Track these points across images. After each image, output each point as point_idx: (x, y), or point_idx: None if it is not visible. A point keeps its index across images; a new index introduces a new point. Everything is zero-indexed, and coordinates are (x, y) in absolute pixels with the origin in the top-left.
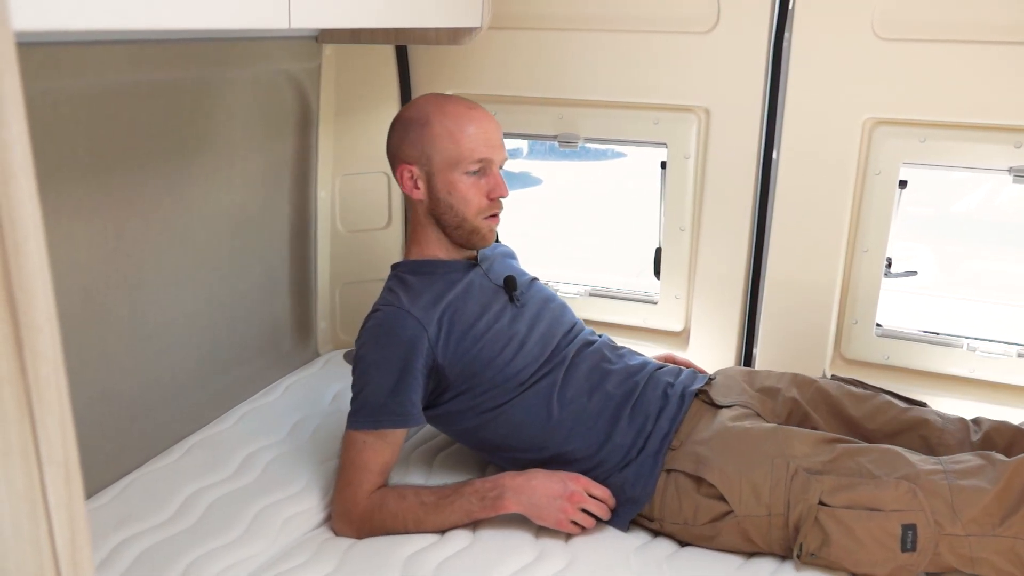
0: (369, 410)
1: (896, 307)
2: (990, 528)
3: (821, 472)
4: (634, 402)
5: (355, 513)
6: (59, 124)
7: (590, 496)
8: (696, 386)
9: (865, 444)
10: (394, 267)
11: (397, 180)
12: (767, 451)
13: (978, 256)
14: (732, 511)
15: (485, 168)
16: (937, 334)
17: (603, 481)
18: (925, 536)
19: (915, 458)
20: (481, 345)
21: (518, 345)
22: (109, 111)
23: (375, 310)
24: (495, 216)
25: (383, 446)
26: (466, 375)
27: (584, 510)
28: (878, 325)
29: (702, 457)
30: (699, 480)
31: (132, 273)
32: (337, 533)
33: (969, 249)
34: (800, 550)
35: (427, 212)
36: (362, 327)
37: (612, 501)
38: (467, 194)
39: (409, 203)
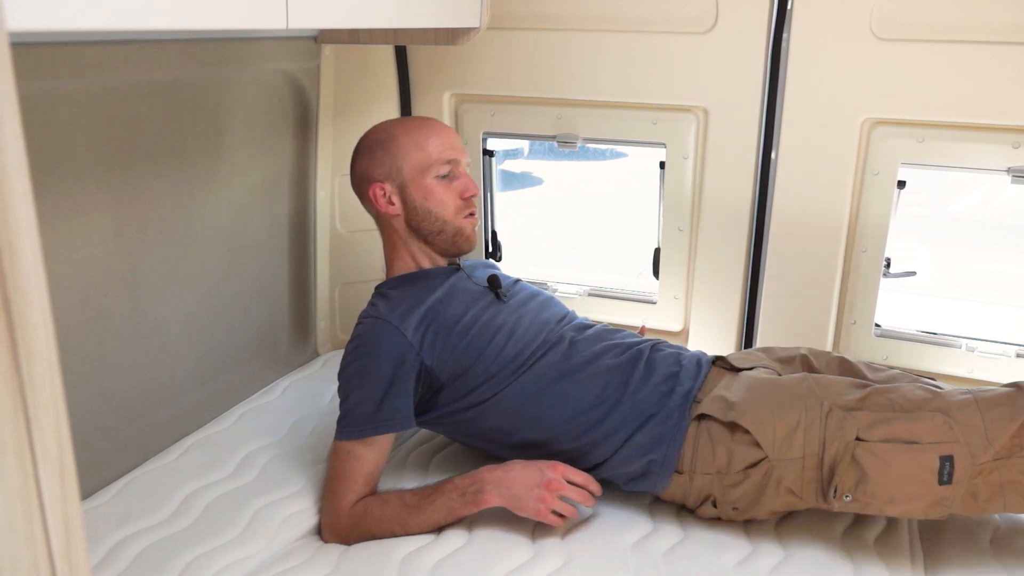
0: (352, 420)
1: (895, 307)
2: (1018, 449)
3: (856, 408)
4: (643, 366)
5: (340, 524)
6: (58, 124)
7: (570, 484)
8: (711, 356)
9: (893, 384)
10: (377, 287)
11: (370, 202)
12: (799, 394)
13: (977, 256)
14: (766, 457)
15: (453, 170)
16: (936, 334)
17: (624, 443)
18: (961, 467)
19: (944, 390)
20: (469, 339)
21: (508, 333)
22: (108, 111)
23: (357, 323)
24: (472, 215)
25: (369, 454)
26: (458, 370)
27: (570, 505)
28: (877, 325)
29: (733, 404)
30: (733, 427)
31: (131, 272)
32: (326, 543)
33: (968, 249)
34: (835, 492)
35: (405, 226)
36: (348, 342)
37: (594, 486)
38: (443, 196)
39: (383, 223)
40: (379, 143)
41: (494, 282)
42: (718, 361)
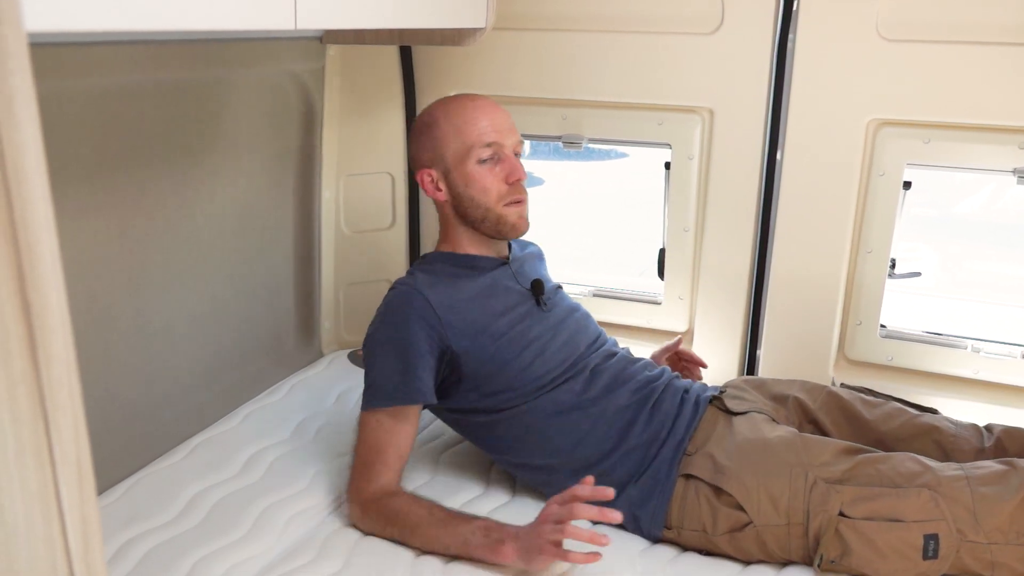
0: (378, 389)
1: (900, 308)
2: (1014, 536)
3: (841, 481)
4: (651, 407)
5: (365, 493)
6: (65, 124)
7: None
8: (709, 394)
9: (885, 453)
10: (422, 256)
11: (421, 187)
12: (786, 460)
13: (982, 257)
14: (751, 522)
15: (496, 153)
16: (941, 335)
17: (617, 496)
18: (947, 545)
19: (936, 464)
20: (499, 345)
21: (539, 350)
22: (115, 111)
23: (391, 288)
24: (519, 202)
25: (396, 425)
26: (483, 372)
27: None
28: (882, 326)
29: (720, 466)
30: (718, 490)
31: (137, 273)
32: (349, 518)
33: (973, 250)
34: (820, 560)
35: (453, 211)
36: (378, 307)
37: (608, 493)
38: (484, 182)
39: (437, 206)
40: (425, 127)
41: (537, 287)
42: (714, 401)
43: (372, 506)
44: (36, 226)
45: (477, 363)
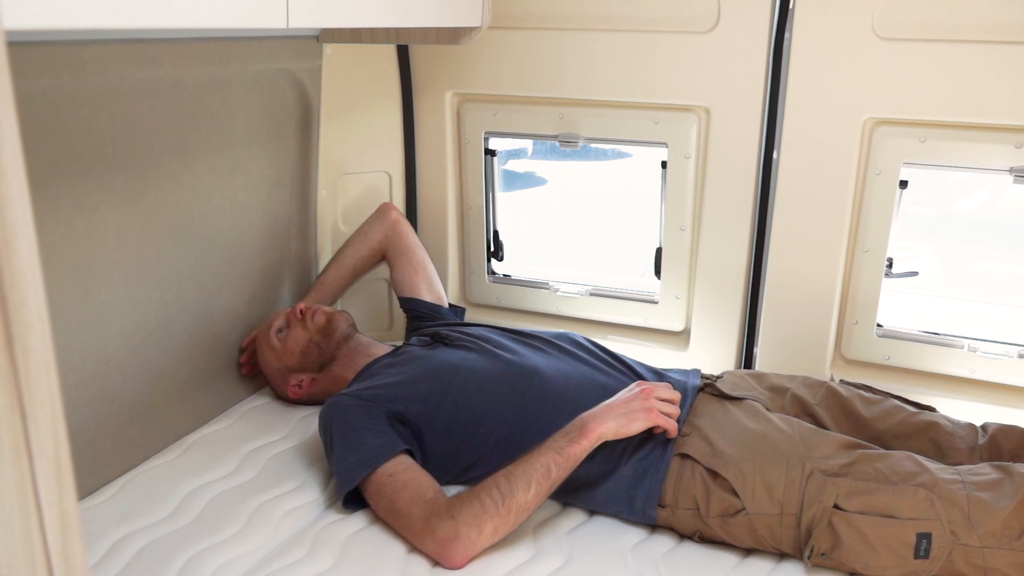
0: (363, 456)
1: (897, 307)
2: (1007, 541)
3: (837, 475)
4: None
5: (439, 507)
6: (60, 123)
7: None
8: (700, 382)
9: (884, 451)
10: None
11: (296, 392)
12: (784, 451)
13: (979, 256)
14: (743, 508)
15: (279, 329)
16: (937, 335)
17: (609, 476)
18: (939, 545)
19: (934, 466)
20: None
21: (494, 356)
22: (110, 110)
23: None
24: (301, 315)
25: (407, 467)
26: (431, 410)
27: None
28: (879, 325)
29: (718, 451)
30: (714, 473)
31: (132, 271)
32: (450, 559)
33: (970, 249)
34: (811, 552)
35: (321, 371)
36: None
37: (677, 395)
38: (293, 340)
39: (325, 384)
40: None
41: (436, 336)
42: (707, 388)
43: (455, 509)
44: (13, 221)
45: (426, 407)
